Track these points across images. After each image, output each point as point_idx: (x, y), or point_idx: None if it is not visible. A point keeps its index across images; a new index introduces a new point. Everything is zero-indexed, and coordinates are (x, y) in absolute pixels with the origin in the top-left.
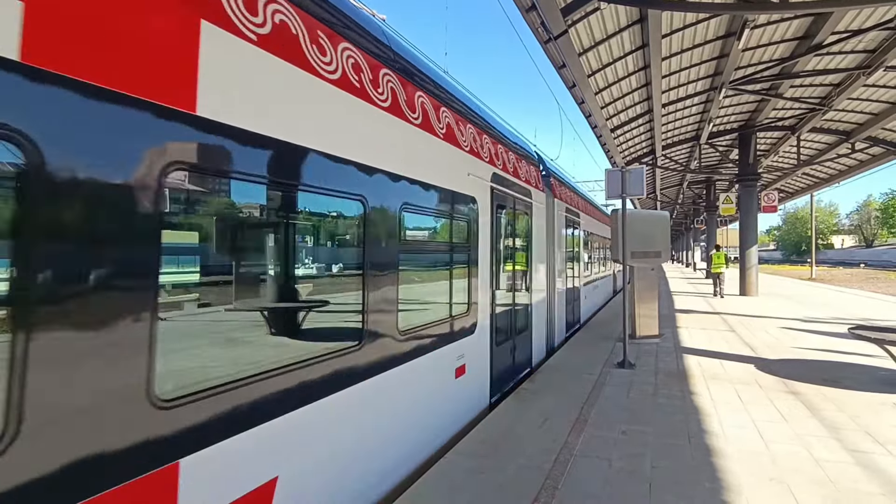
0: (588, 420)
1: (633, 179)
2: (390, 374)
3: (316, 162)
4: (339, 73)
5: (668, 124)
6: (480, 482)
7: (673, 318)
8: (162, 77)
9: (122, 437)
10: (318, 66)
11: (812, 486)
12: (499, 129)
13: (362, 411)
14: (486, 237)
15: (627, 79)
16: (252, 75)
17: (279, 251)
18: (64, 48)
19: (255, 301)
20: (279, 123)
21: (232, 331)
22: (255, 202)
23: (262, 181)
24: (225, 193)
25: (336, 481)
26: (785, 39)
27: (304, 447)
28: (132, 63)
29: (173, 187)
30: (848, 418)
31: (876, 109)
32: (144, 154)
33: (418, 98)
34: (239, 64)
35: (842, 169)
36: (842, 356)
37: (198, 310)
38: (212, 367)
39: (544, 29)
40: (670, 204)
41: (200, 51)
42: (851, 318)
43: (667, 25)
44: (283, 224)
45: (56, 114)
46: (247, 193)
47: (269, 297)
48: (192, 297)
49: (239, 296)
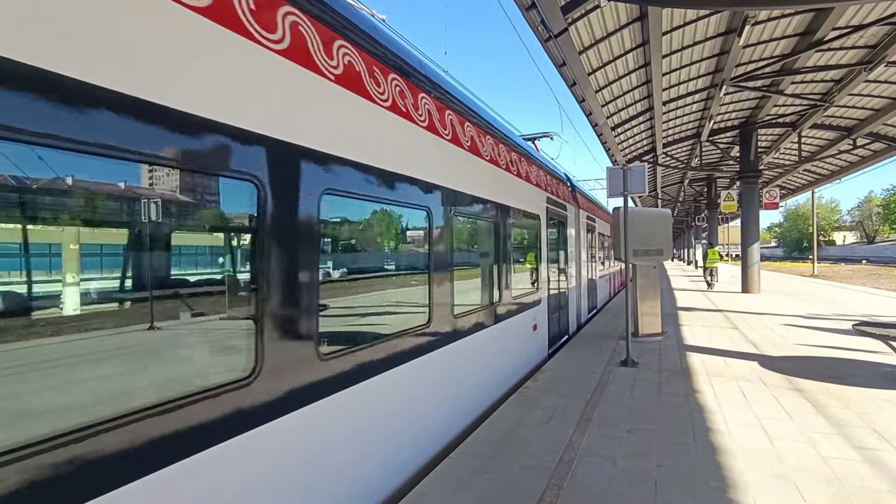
0: (592, 419)
1: (634, 177)
2: (506, 323)
3: (478, 203)
4: (488, 156)
5: (669, 122)
6: (485, 481)
7: (675, 315)
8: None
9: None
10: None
11: (819, 484)
12: (548, 166)
13: (498, 342)
14: (543, 241)
15: (628, 76)
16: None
17: (447, 251)
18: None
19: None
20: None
21: (395, 299)
22: (420, 222)
23: (417, 207)
24: (377, 213)
25: (486, 382)
26: (786, 36)
27: (470, 361)
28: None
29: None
30: (853, 415)
31: (877, 105)
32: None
33: (519, 160)
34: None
35: (843, 165)
36: (846, 353)
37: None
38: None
39: (544, 27)
40: (671, 202)
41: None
42: (855, 314)
43: (667, 22)
44: (455, 230)
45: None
46: (391, 212)
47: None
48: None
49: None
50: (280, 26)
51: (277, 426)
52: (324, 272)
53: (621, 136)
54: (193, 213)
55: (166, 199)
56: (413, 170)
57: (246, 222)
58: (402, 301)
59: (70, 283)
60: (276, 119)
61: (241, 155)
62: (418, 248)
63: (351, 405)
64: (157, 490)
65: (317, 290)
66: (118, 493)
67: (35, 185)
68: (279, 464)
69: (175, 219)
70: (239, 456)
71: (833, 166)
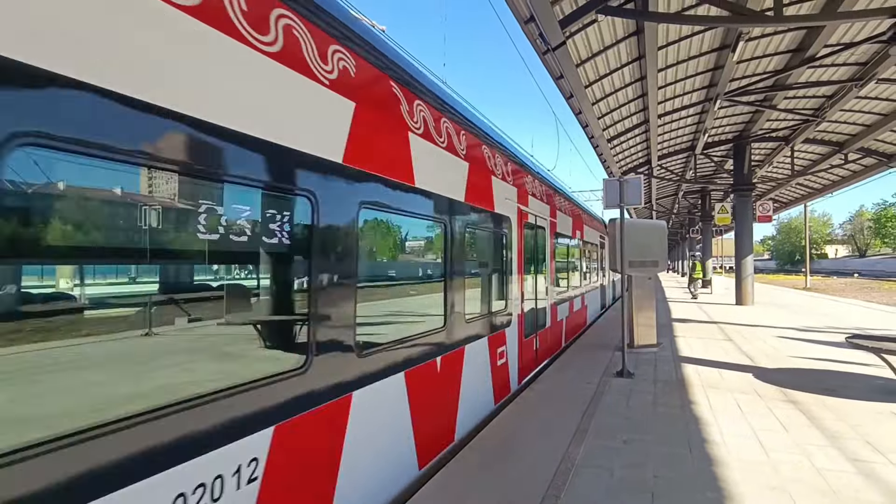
0: (588, 429)
1: (631, 189)
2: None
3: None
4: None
5: (664, 134)
6: (481, 493)
7: (670, 327)
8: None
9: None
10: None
11: (814, 496)
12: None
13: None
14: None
15: (624, 89)
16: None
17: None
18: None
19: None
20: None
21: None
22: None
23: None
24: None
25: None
26: (779, 52)
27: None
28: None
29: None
30: (848, 427)
31: (868, 121)
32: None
33: (568, 207)
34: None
35: (835, 179)
36: (839, 365)
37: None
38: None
39: (542, 40)
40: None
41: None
42: (848, 327)
43: (663, 37)
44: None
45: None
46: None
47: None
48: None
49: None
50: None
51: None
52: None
53: (617, 147)
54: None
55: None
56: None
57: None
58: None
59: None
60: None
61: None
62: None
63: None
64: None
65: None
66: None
67: (153, 202)
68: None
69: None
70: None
71: (825, 180)
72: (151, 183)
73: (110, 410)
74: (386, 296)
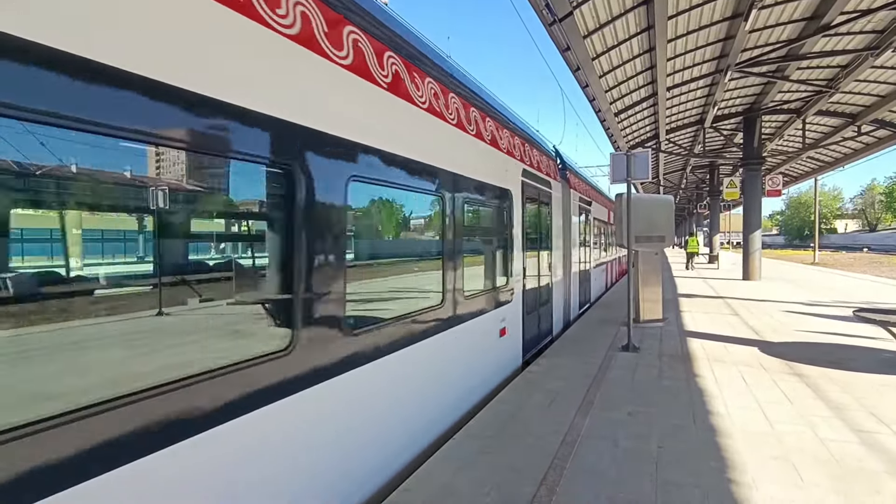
0: (594, 402)
1: (638, 163)
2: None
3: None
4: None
5: (673, 108)
6: (488, 462)
7: (676, 302)
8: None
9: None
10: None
11: (817, 465)
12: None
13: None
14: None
15: (632, 62)
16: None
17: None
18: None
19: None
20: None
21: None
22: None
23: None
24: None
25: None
26: (793, 20)
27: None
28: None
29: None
30: (853, 399)
31: (883, 91)
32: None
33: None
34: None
35: (847, 152)
36: (846, 339)
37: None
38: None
39: (549, 11)
40: (673, 189)
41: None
42: (855, 301)
43: (673, 6)
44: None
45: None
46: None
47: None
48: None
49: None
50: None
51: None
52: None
53: (624, 122)
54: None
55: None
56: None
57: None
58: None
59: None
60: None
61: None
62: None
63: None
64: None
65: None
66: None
67: (206, 191)
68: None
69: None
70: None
71: (837, 153)
72: (126, 159)
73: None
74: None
